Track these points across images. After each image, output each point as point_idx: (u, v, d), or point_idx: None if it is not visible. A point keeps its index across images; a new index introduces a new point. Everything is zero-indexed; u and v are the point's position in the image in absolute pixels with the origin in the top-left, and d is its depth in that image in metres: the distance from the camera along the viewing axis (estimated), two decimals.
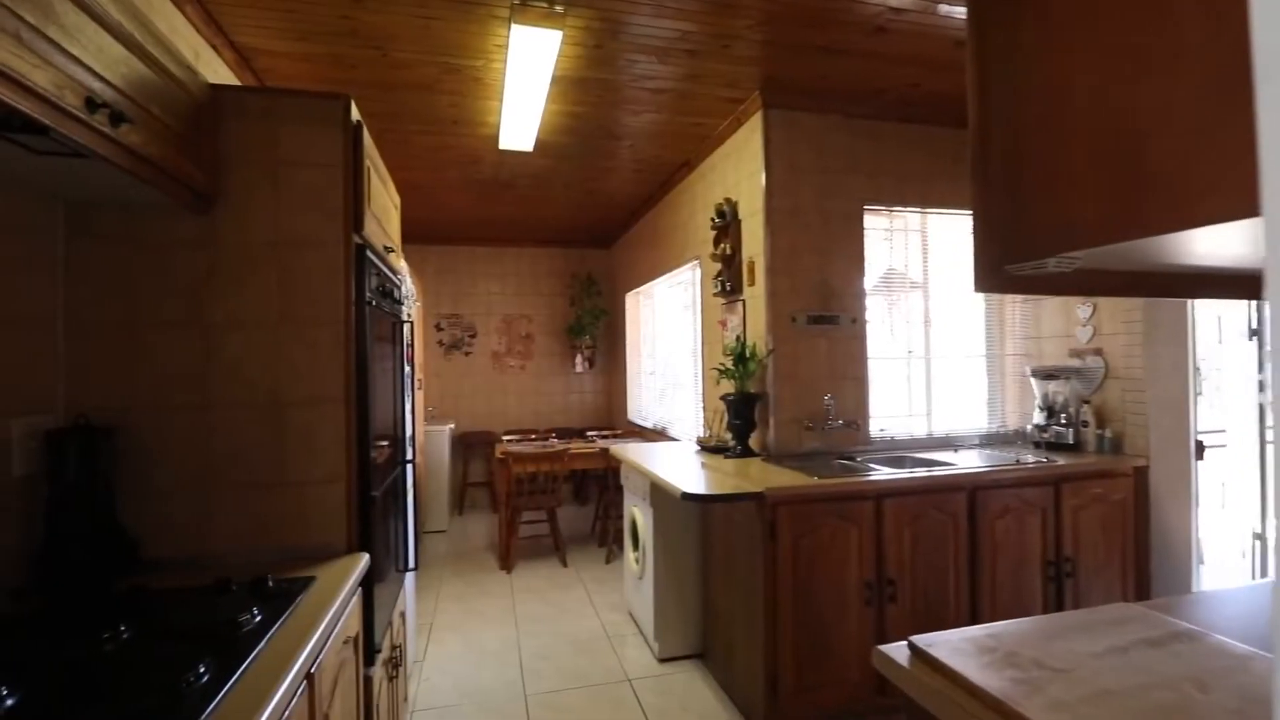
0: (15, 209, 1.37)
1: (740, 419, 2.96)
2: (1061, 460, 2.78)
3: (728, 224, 3.32)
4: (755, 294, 3.12)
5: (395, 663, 2.04)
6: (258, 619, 1.18)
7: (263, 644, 1.10)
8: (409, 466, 2.49)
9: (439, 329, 6.29)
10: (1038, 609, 2.66)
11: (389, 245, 2.10)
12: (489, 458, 6.09)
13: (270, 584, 1.33)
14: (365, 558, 1.60)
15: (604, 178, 4.30)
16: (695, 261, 3.99)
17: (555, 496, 4.32)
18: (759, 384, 3.06)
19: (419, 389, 4.71)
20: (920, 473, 2.57)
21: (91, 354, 1.50)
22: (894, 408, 3.42)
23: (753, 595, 2.40)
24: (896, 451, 3.13)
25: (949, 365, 3.57)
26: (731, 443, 3.09)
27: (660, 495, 2.89)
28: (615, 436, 5.14)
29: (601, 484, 4.85)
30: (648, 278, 5.20)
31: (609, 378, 6.69)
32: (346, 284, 1.64)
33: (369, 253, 1.75)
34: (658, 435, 4.91)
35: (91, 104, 1.04)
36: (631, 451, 3.31)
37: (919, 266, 3.49)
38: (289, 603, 1.27)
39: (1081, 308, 3.10)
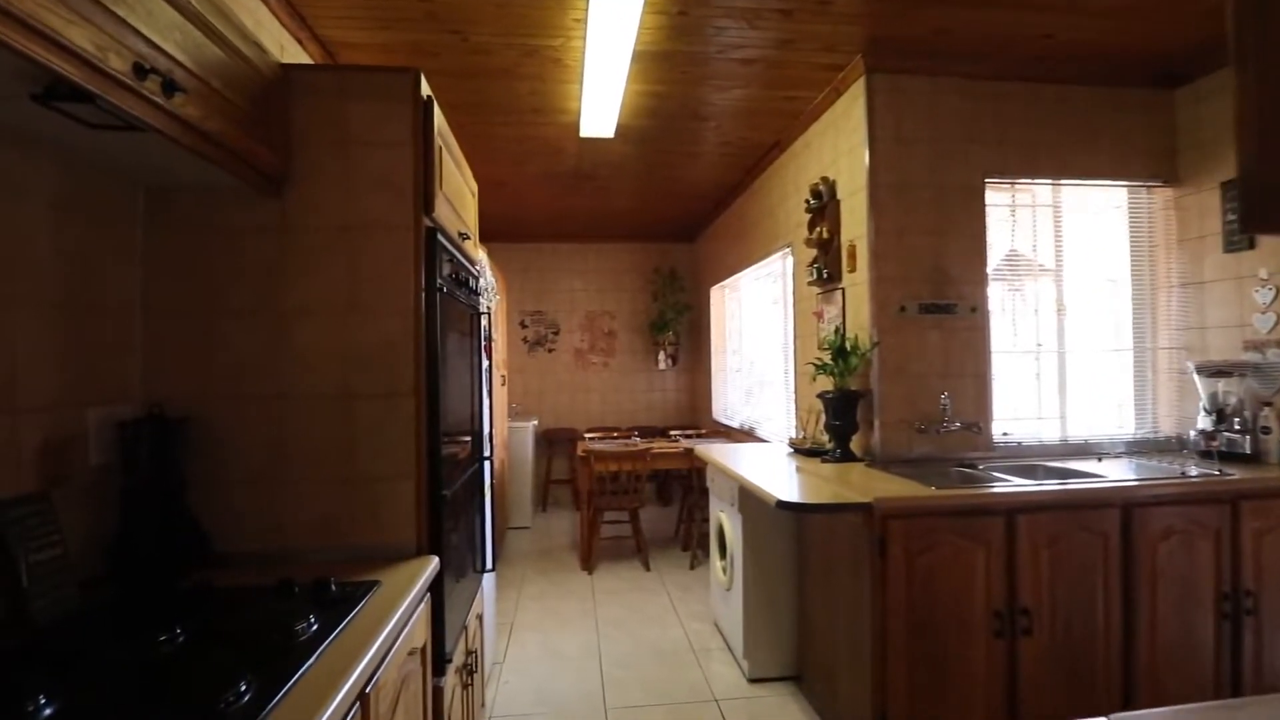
0: (99, 196, 1.36)
1: (840, 419, 2.68)
2: (1238, 473, 2.30)
3: (824, 205, 3.03)
4: (857, 281, 2.82)
5: (470, 669, 1.94)
6: (314, 628, 1.09)
7: (313, 659, 0.99)
8: (487, 463, 2.41)
9: (523, 326, 6.33)
10: (1209, 651, 2.22)
11: (464, 232, 2.01)
12: (571, 455, 6.04)
13: (333, 588, 1.24)
14: (434, 562, 1.49)
15: (688, 164, 4.10)
16: (786, 249, 3.71)
17: (637, 497, 4.17)
18: (861, 381, 2.76)
19: (502, 385, 4.70)
20: (1060, 484, 2.19)
21: (167, 343, 1.48)
22: (1020, 409, 3.00)
23: (858, 617, 2.12)
24: (1024, 459, 2.73)
25: (1086, 361, 3.09)
26: (829, 445, 2.80)
27: (750, 501, 2.66)
28: (699, 436, 4.94)
29: (685, 485, 4.65)
30: (734, 270, 4.96)
31: (692, 375, 6.48)
32: (417, 270, 1.54)
33: (441, 237, 1.65)
34: (744, 435, 4.66)
35: (140, 70, 0.96)
36: (718, 453, 3.10)
37: (1050, 247, 3.05)
38: (349, 610, 1.17)
39: (1260, 291, 2.57)
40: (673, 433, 4.96)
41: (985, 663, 2.06)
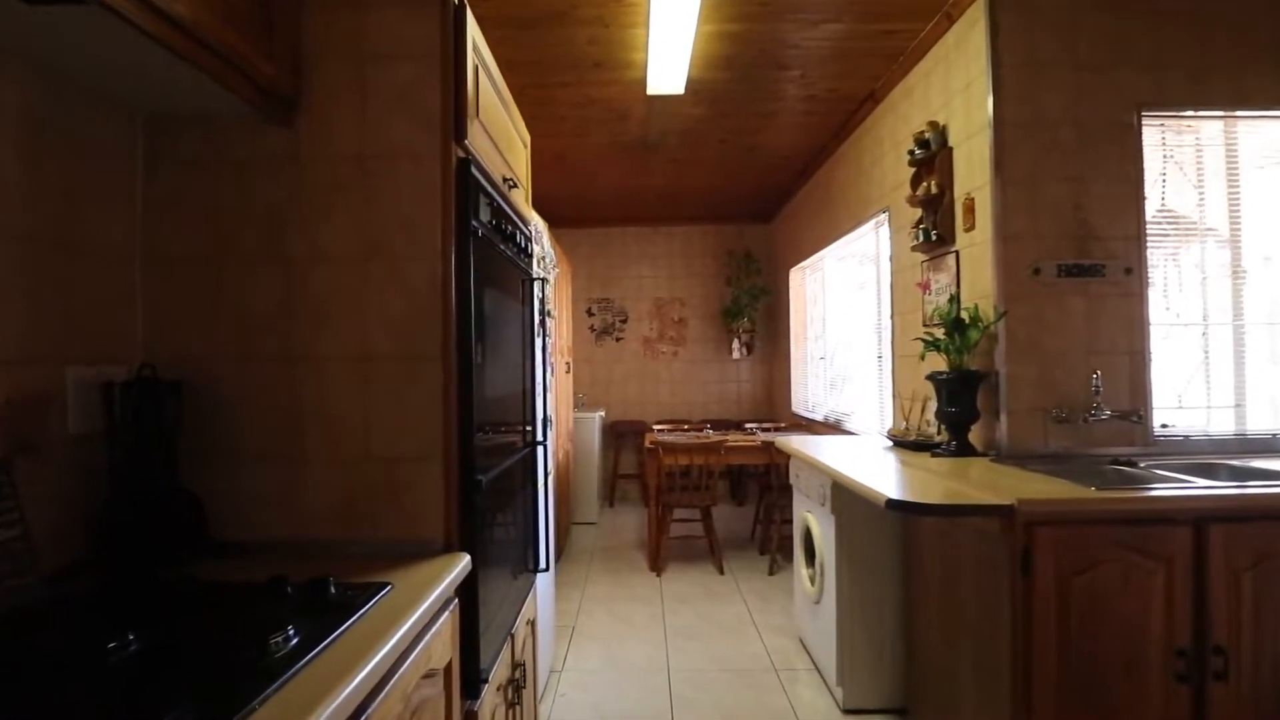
0: (87, 124, 1.17)
1: (956, 405, 2.23)
2: None
3: (933, 155, 2.58)
4: (975, 240, 2.36)
5: (518, 685, 1.67)
6: (293, 642, 0.83)
7: (276, 686, 0.73)
8: (542, 449, 2.14)
9: (589, 314, 6.10)
10: None
11: (511, 179, 1.74)
12: (640, 448, 5.76)
13: (331, 590, 0.98)
14: (464, 561, 1.22)
15: (766, 127, 3.71)
16: (882, 215, 3.26)
17: (710, 494, 3.83)
18: (983, 360, 2.30)
19: (567, 373, 4.48)
20: (1262, 487, 1.68)
21: (167, 296, 1.28)
22: (1182, 396, 2.44)
23: (990, 645, 1.70)
24: (1194, 456, 2.19)
25: (1272, 337, 2.48)
26: (940, 436, 2.36)
27: (845, 500, 2.26)
28: (778, 430, 4.52)
29: (763, 483, 4.26)
30: (816, 248, 4.51)
31: (769, 365, 6.05)
32: (445, 207, 1.28)
33: (476, 173, 1.38)
34: (828, 429, 4.21)
35: None
36: (805, 445, 2.71)
37: (1220, 197, 2.46)
38: (343, 619, 0.90)
39: None
40: (748, 425, 4.58)
41: (1163, 712, 1.59)
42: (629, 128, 3.65)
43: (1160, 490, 1.66)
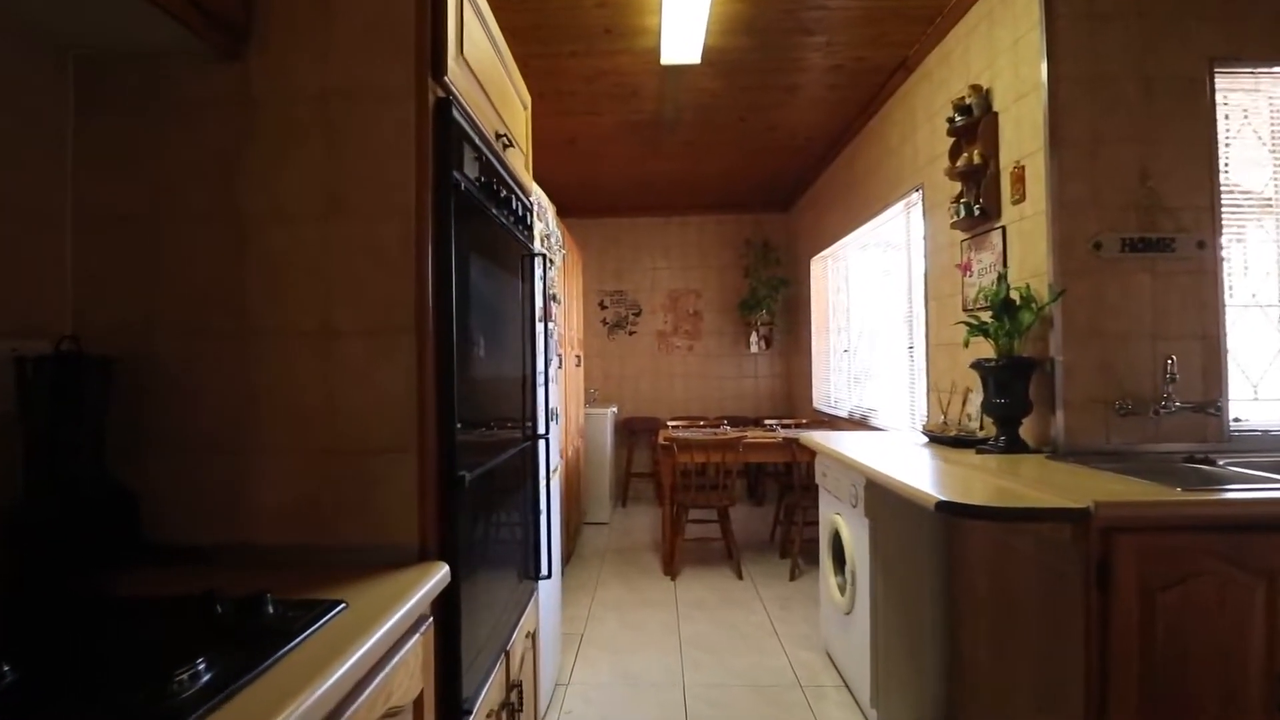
0: (9, 63, 1.00)
1: (1005, 396, 2.00)
2: None
3: (975, 122, 2.35)
4: (1025, 213, 2.13)
5: (513, 709, 1.48)
6: (203, 680, 0.65)
7: None
8: (544, 444, 1.95)
9: (601, 306, 5.91)
10: None
11: (505, 135, 1.55)
12: (653, 446, 5.56)
13: (269, 610, 0.80)
14: (442, 571, 1.03)
15: (788, 102, 3.48)
16: (913, 194, 3.02)
17: (728, 494, 3.61)
18: (1036, 346, 2.07)
19: (577, 366, 4.29)
20: None
21: (101, 259, 1.10)
22: (1254, 386, 2.18)
23: (1055, 669, 1.48)
24: (1275, 453, 1.94)
25: None
26: (984, 431, 2.14)
27: (880, 501, 2.04)
28: (799, 426, 4.30)
29: (783, 482, 4.04)
30: (839, 235, 4.27)
31: (789, 359, 5.81)
32: (421, 154, 1.08)
33: (459, 117, 1.18)
34: (853, 425, 3.98)
35: None
36: (832, 441, 2.49)
37: None
38: (273, 649, 0.71)
39: None
40: (768, 422, 4.35)
41: None
42: (642, 104, 3.45)
43: (1263, 491, 1.42)
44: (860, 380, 4.23)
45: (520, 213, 1.66)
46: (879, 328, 3.84)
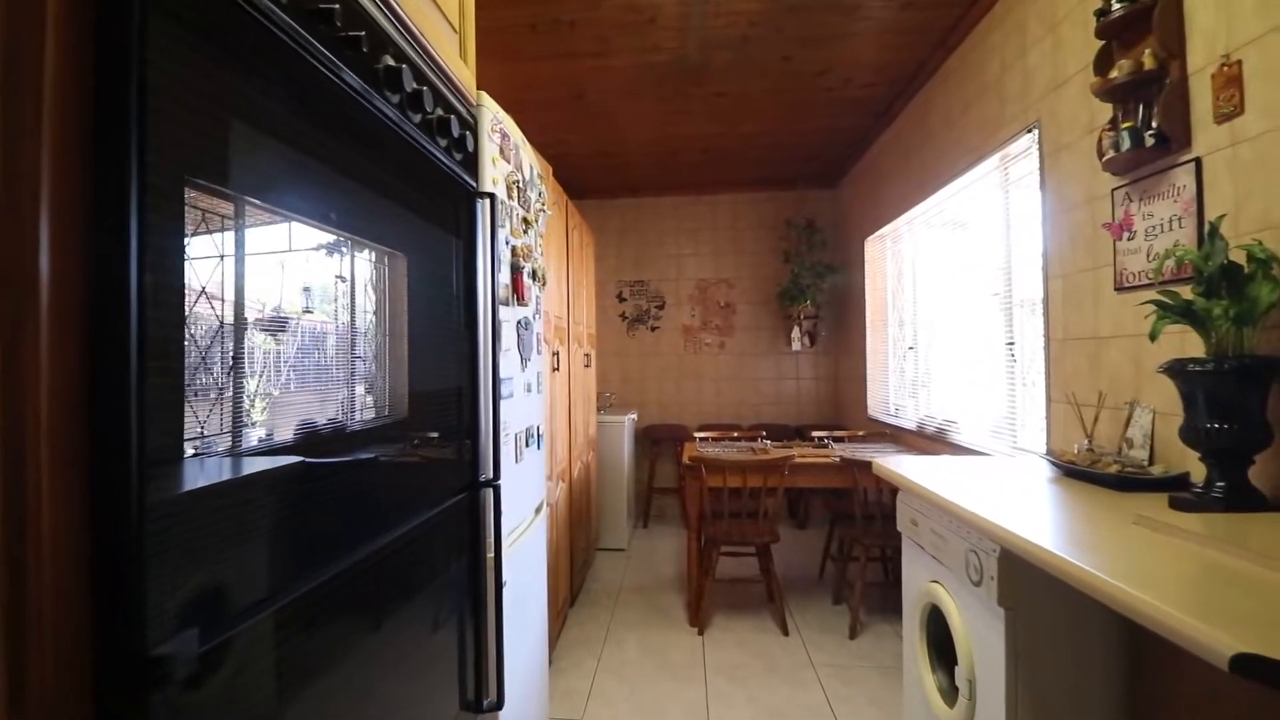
0: None
1: (1227, 418, 1.25)
2: None
3: (1147, 7, 1.59)
4: (1240, 134, 1.37)
5: None
6: None
7: None
8: (492, 492, 1.27)
9: (620, 299, 5.23)
10: None
11: None
12: (679, 457, 4.87)
13: None
14: None
15: (845, 34, 2.75)
16: (1026, 135, 2.25)
17: (769, 527, 2.90)
18: (1273, 339, 1.31)
19: (586, 367, 3.62)
20: None
21: None
22: None
23: None
24: None
25: None
26: (1158, 465, 1.39)
27: (1025, 583, 1.31)
28: (855, 440, 3.55)
29: (836, 506, 3.31)
30: (904, 207, 3.51)
31: (837, 359, 5.04)
32: None
33: None
34: (924, 441, 3.22)
35: None
36: (920, 473, 1.76)
37: None
38: None
39: None
40: (816, 434, 3.61)
41: None
42: (661, 38, 2.75)
43: None
44: (925, 384, 3.47)
45: (434, 112, 0.98)
46: (958, 319, 3.08)
